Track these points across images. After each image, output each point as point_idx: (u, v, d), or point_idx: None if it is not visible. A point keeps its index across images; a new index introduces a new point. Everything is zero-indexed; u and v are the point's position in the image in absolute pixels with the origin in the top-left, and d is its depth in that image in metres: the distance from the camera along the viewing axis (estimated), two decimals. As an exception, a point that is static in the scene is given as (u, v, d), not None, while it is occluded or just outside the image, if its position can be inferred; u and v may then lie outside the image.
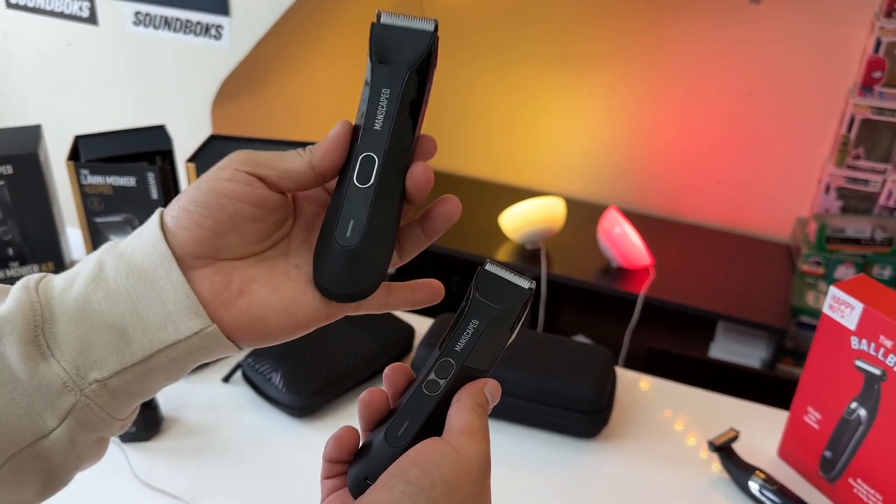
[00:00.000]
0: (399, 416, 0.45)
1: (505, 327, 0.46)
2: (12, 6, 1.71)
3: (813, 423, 0.90)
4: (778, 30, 2.02)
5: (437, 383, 0.46)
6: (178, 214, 0.42)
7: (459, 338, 0.46)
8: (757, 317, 1.89)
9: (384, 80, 0.43)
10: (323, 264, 0.44)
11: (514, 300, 0.46)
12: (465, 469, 0.41)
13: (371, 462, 0.45)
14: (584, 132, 2.32)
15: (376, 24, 0.44)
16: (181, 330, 0.41)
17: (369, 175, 0.43)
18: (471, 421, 0.43)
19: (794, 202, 2.17)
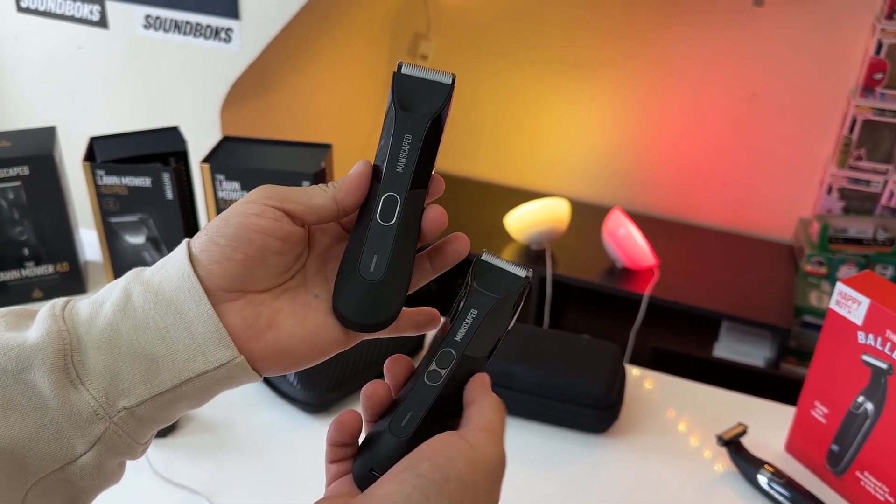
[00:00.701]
0: (402, 407, 0.46)
1: (503, 316, 0.47)
2: (23, 10, 1.73)
3: (820, 417, 0.92)
4: (780, 32, 2.04)
5: (438, 373, 0.46)
6: (209, 248, 0.44)
7: (459, 327, 0.47)
8: (760, 316, 1.90)
9: (407, 127, 0.46)
10: (346, 296, 0.46)
11: (511, 289, 0.47)
12: (480, 466, 0.41)
13: (376, 453, 0.45)
14: (588, 134, 2.34)
15: (398, 74, 0.47)
16: (210, 361, 0.42)
17: (392, 214, 0.46)
18: (492, 420, 0.44)
19: (797, 203, 2.19)
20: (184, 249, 0.44)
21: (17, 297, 1.20)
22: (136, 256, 1.19)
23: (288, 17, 1.53)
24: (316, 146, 1.17)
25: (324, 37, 1.89)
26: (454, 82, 0.47)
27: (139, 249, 1.18)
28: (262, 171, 1.10)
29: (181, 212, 1.15)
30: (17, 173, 1.13)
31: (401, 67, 0.47)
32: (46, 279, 1.21)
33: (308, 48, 1.85)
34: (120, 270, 1.20)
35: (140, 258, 1.19)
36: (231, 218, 0.44)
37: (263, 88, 1.78)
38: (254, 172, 1.10)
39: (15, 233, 1.17)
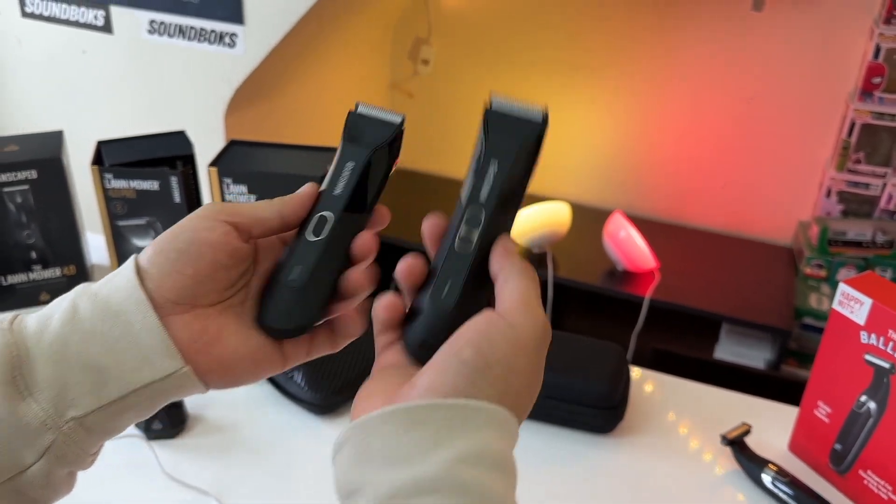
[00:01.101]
0: (440, 277, 0.45)
1: (526, 161, 0.46)
2: (27, 15, 1.74)
3: (823, 416, 0.93)
4: (779, 36, 2.05)
5: (469, 236, 0.45)
6: (160, 261, 0.45)
7: (482, 184, 0.45)
8: (761, 319, 1.91)
9: (350, 156, 0.50)
10: (267, 302, 0.48)
11: (529, 131, 0.46)
12: (522, 345, 0.41)
13: (424, 327, 0.45)
14: (588, 138, 2.35)
15: (353, 112, 0.51)
16: (157, 371, 0.43)
17: (322, 230, 0.48)
18: (525, 290, 0.43)
19: (796, 206, 2.20)
20: (131, 263, 0.45)
21: (24, 299, 1.21)
22: (143, 259, 1.19)
23: (292, 23, 1.54)
24: (322, 150, 1.18)
25: (326, 41, 1.90)
26: (403, 123, 0.50)
27: (146, 252, 1.19)
28: (269, 174, 1.11)
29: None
30: (26, 177, 1.14)
31: (357, 107, 0.51)
32: (53, 282, 1.22)
33: (311, 53, 1.86)
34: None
35: (147, 261, 1.19)
36: (182, 233, 0.46)
37: (267, 92, 1.79)
38: (261, 176, 1.11)
39: (22, 236, 1.17)
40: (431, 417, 0.38)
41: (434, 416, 0.38)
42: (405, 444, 0.38)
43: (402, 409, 0.39)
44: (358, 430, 0.39)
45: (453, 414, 0.38)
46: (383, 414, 0.39)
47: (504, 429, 0.40)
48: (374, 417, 0.39)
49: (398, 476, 0.37)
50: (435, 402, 0.38)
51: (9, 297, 1.20)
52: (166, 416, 0.97)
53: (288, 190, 1.14)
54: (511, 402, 0.40)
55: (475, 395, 0.39)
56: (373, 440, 0.39)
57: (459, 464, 0.37)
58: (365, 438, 0.39)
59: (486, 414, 0.39)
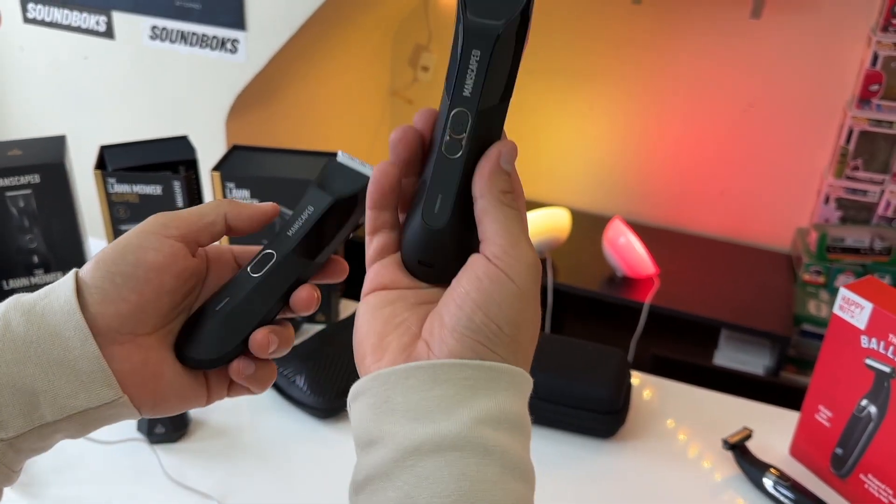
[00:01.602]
0: (430, 191, 0.41)
1: (513, 45, 0.40)
2: (29, 21, 1.74)
3: (824, 421, 0.93)
4: (777, 43, 2.06)
5: (457, 142, 0.40)
6: (104, 286, 0.43)
7: (464, 79, 0.39)
8: (760, 325, 1.92)
9: (312, 200, 0.47)
10: (188, 328, 0.47)
11: (516, 4, 0.39)
12: (523, 297, 0.40)
13: (420, 245, 0.42)
14: (588, 144, 2.36)
15: (331, 160, 0.49)
16: (93, 399, 0.42)
17: (262, 267, 0.47)
18: (506, 225, 0.40)
19: (795, 212, 2.21)
20: (71, 281, 0.44)
21: (26, 304, 1.21)
22: (146, 264, 1.20)
23: (293, 29, 1.55)
24: (323, 154, 1.19)
25: (327, 48, 1.91)
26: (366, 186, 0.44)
27: (148, 257, 1.19)
28: (272, 178, 1.12)
29: (190, 219, 1.16)
30: (28, 181, 1.14)
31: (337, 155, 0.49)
32: (56, 286, 1.22)
33: (312, 59, 1.87)
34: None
35: (149, 266, 1.20)
36: (128, 253, 0.44)
37: (268, 98, 1.80)
38: (263, 180, 1.12)
39: (25, 240, 1.18)
40: (456, 376, 0.38)
41: (458, 375, 0.38)
42: (428, 399, 0.38)
43: (426, 366, 0.38)
44: (380, 381, 0.39)
45: (477, 374, 0.38)
46: (407, 369, 0.38)
47: (521, 388, 0.40)
48: (397, 371, 0.39)
49: (421, 431, 0.37)
50: (460, 362, 0.38)
51: (11, 301, 1.20)
52: (169, 420, 0.97)
53: (290, 193, 1.15)
54: (522, 357, 0.41)
55: (493, 358, 0.39)
56: (394, 393, 0.38)
57: (481, 424, 0.37)
58: (386, 391, 0.38)
59: (508, 375, 0.39)
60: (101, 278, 0.44)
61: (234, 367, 0.47)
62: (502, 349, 0.39)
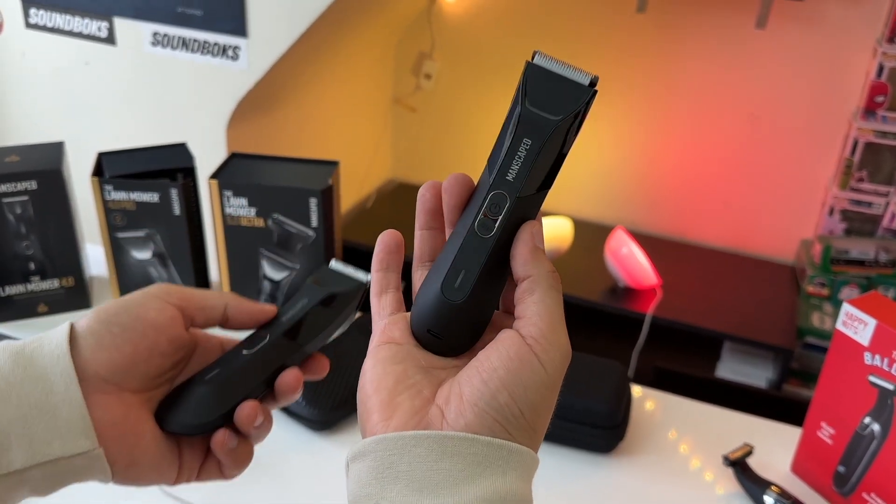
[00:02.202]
0: (453, 265, 0.41)
1: (567, 136, 0.40)
2: (31, 26, 1.74)
3: (826, 438, 0.92)
4: (782, 54, 2.05)
5: (490, 223, 0.40)
6: (101, 332, 0.44)
7: (510, 164, 0.40)
8: (763, 337, 1.90)
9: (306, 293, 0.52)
10: (175, 395, 0.47)
11: (574, 98, 0.40)
12: (550, 386, 0.39)
13: (433, 314, 0.41)
14: (590, 154, 2.35)
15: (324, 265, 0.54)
16: (67, 448, 0.41)
17: (254, 346, 0.49)
18: (552, 310, 0.40)
19: (799, 224, 2.20)
20: (66, 329, 0.44)
21: (22, 311, 1.20)
22: (143, 272, 1.19)
23: (295, 36, 1.55)
24: (323, 163, 1.18)
25: (330, 55, 1.90)
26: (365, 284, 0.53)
27: (145, 265, 1.18)
28: (270, 187, 1.11)
29: (188, 228, 1.15)
30: (25, 188, 1.13)
31: (330, 262, 0.54)
32: (52, 294, 1.21)
33: (314, 66, 1.86)
34: (126, 286, 1.20)
35: (146, 273, 1.19)
36: (129, 307, 0.45)
37: (269, 106, 1.79)
38: (261, 189, 1.11)
39: (21, 247, 1.17)
40: (465, 451, 0.37)
41: (468, 449, 0.37)
42: (434, 472, 0.36)
43: (435, 437, 0.37)
44: (386, 445, 0.38)
45: (487, 452, 0.37)
46: (416, 436, 0.37)
47: (530, 469, 0.39)
48: (405, 437, 0.38)
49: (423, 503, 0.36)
50: (471, 437, 0.37)
51: (7, 308, 1.19)
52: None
53: (288, 203, 1.14)
54: (536, 441, 0.40)
55: (508, 439, 0.38)
56: (400, 460, 0.37)
57: (486, 503, 0.36)
58: (391, 456, 0.37)
59: (519, 455, 0.38)
60: (98, 326, 0.44)
61: (219, 437, 0.47)
62: (519, 433, 0.38)
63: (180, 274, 1.19)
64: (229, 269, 1.17)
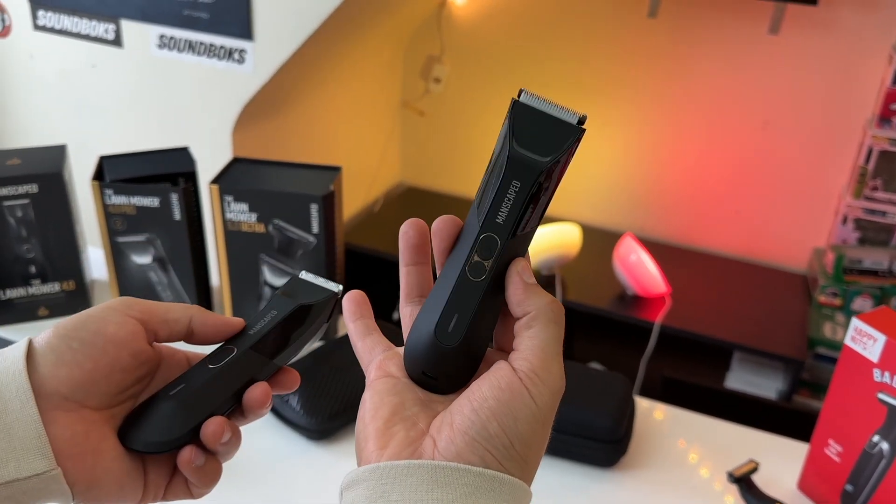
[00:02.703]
0: (446, 310, 0.41)
1: (556, 176, 0.40)
2: (39, 28, 1.74)
3: (834, 455, 0.89)
4: (795, 60, 2.02)
5: (481, 266, 0.40)
6: (60, 348, 0.42)
7: (500, 206, 0.39)
8: (773, 347, 1.87)
9: (276, 305, 0.50)
10: (140, 412, 0.45)
11: (562, 139, 0.39)
12: (540, 419, 0.39)
13: (426, 359, 0.42)
14: (600, 159, 2.33)
15: (295, 276, 0.52)
16: (22, 469, 0.40)
17: (220, 360, 0.47)
18: (547, 343, 0.40)
19: (811, 233, 2.17)
20: (24, 345, 0.42)
21: (22, 314, 1.20)
22: (143, 276, 1.18)
23: (302, 39, 1.53)
24: (326, 168, 1.17)
25: (337, 59, 1.89)
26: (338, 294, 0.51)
27: (145, 269, 1.18)
28: (271, 192, 1.10)
29: (188, 233, 1.14)
30: (27, 191, 1.13)
31: (300, 273, 0.52)
32: (52, 297, 1.20)
33: (321, 70, 1.85)
34: (126, 290, 1.19)
35: (146, 278, 1.18)
36: (89, 322, 0.44)
37: (276, 110, 1.78)
38: (262, 194, 1.10)
39: (22, 250, 1.16)
40: (457, 481, 0.37)
41: (460, 480, 0.37)
42: (427, 501, 0.37)
43: (427, 466, 0.38)
44: (378, 474, 0.38)
45: (479, 482, 0.37)
46: (409, 466, 0.38)
47: (521, 501, 0.39)
48: (398, 467, 0.38)
49: None
50: (463, 467, 0.38)
51: (7, 311, 1.19)
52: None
53: (289, 208, 1.13)
54: (528, 474, 0.40)
55: (499, 469, 0.38)
56: (392, 489, 0.37)
57: None
58: (384, 485, 0.38)
59: (510, 487, 0.38)
60: (57, 342, 0.43)
61: (185, 455, 0.45)
62: (510, 464, 0.39)
63: (180, 279, 1.18)
64: (230, 274, 1.16)
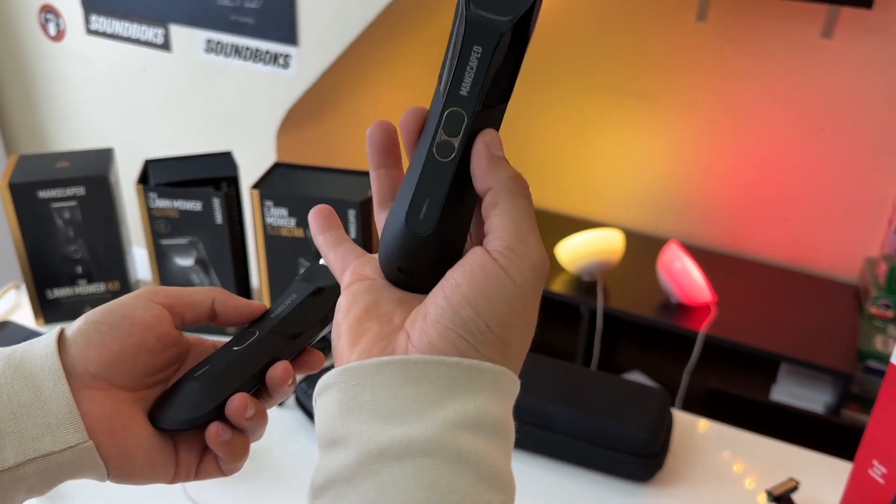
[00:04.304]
0: (416, 195, 0.38)
1: (517, 43, 0.37)
2: (92, 32, 1.78)
3: (878, 477, 0.86)
4: (849, 65, 1.97)
5: (449, 144, 0.37)
6: (88, 331, 0.45)
7: (462, 76, 0.37)
8: (821, 360, 1.83)
9: (295, 290, 0.51)
10: (167, 393, 0.47)
11: (521, 1, 0.36)
12: (519, 298, 0.36)
13: (400, 251, 0.39)
14: (645, 164, 2.30)
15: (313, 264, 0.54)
16: (58, 442, 0.42)
17: (244, 342, 0.49)
18: (517, 219, 0.37)
19: (864, 242, 2.11)
20: (55, 332, 0.45)
21: (68, 313, 1.22)
22: (185, 278, 1.20)
23: (345, 44, 1.55)
24: (365, 174, 1.17)
25: (381, 62, 1.90)
26: None
27: (188, 271, 1.19)
28: (309, 198, 1.10)
29: (230, 236, 1.16)
30: (74, 193, 1.15)
31: (319, 261, 0.52)
32: (98, 297, 1.23)
33: (364, 73, 1.86)
34: (168, 291, 1.21)
35: (188, 280, 1.20)
36: (116, 308, 0.46)
37: (320, 114, 1.80)
38: (301, 199, 1.11)
39: (69, 251, 1.19)
40: (432, 374, 0.35)
41: (434, 373, 0.35)
42: (399, 398, 0.35)
43: (399, 362, 0.35)
44: (348, 375, 0.36)
45: (455, 373, 0.35)
46: (379, 363, 0.36)
47: (505, 390, 0.37)
48: (367, 366, 0.36)
49: (388, 433, 0.34)
50: (437, 359, 0.35)
51: (54, 310, 1.22)
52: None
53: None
54: (510, 360, 0.37)
55: (476, 356, 0.36)
56: (363, 390, 0.35)
57: (456, 428, 0.34)
58: (354, 386, 0.36)
59: (490, 375, 0.36)
60: (86, 327, 0.45)
61: (212, 430, 0.46)
62: (487, 348, 0.36)
63: (222, 281, 1.19)
64: (269, 277, 1.17)
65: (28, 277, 1.18)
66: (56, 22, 1.83)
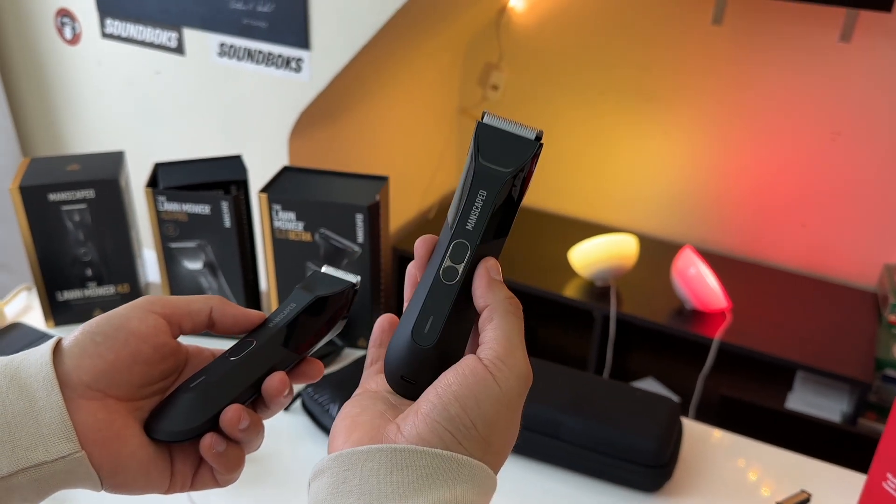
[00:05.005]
0: (422, 312, 0.44)
1: (518, 187, 0.44)
2: (107, 36, 1.79)
3: (892, 490, 0.85)
4: (868, 69, 1.94)
5: (454, 270, 0.44)
6: (84, 341, 0.45)
7: (469, 214, 0.44)
8: (838, 368, 1.80)
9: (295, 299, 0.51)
10: (162, 404, 0.47)
11: (522, 152, 0.44)
12: (505, 403, 0.41)
13: (403, 361, 0.44)
14: (660, 169, 2.28)
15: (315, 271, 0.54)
16: (50, 452, 0.42)
17: (241, 352, 0.49)
18: (508, 333, 0.42)
19: (882, 248, 2.08)
20: (51, 342, 0.45)
21: (78, 315, 1.23)
22: (193, 281, 1.20)
23: (358, 48, 1.54)
24: (373, 178, 1.17)
25: (394, 66, 1.89)
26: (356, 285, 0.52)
27: (196, 275, 1.19)
28: (317, 202, 1.10)
29: (238, 240, 1.15)
30: (84, 196, 1.16)
31: (322, 268, 0.53)
32: (107, 300, 1.23)
33: (377, 78, 1.86)
34: (177, 294, 1.21)
35: (197, 283, 1.20)
36: (112, 318, 0.46)
37: (332, 118, 1.79)
38: (309, 204, 1.10)
39: (79, 253, 1.20)
40: (415, 463, 0.38)
41: (418, 462, 0.38)
42: (385, 484, 0.38)
43: (386, 450, 0.39)
44: (340, 461, 0.39)
45: (437, 464, 0.38)
46: (368, 451, 0.39)
47: (482, 485, 0.40)
48: (358, 453, 0.39)
49: None
50: (421, 449, 0.39)
51: (63, 312, 1.22)
52: (200, 445, 0.96)
53: (336, 219, 1.13)
54: (492, 459, 0.41)
55: (460, 450, 0.39)
56: (352, 475, 0.39)
57: None
58: (345, 472, 0.39)
59: (469, 469, 0.39)
60: (82, 337, 0.46)
61: (206, 442, 0.47)
62: (470, 443, 0.39)
63: (230, 285, 1.19)
64: (277, 281, 1.17)
65: (39, 280, 1.19)
66: (72, 26, 1.85)
